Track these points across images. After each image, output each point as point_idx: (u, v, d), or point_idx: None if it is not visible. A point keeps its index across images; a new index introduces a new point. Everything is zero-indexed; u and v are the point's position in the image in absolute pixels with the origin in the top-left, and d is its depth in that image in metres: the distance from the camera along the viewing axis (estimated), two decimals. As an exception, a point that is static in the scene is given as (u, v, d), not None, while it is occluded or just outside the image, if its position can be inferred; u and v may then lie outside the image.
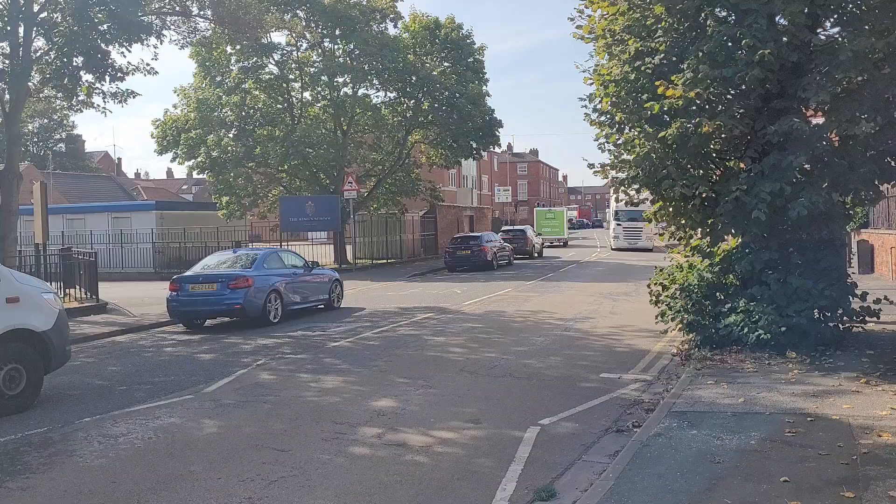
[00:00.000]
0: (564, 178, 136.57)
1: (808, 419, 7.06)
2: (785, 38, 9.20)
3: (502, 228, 47.45)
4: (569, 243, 55.20)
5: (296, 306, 17.03)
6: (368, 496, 5.77)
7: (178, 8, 20.10)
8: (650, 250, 41.10)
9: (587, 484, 5.86)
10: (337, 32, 33.13)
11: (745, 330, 9.96)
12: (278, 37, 33.93)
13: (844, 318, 10.31)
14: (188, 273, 16.44)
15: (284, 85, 34.58)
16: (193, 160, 33.23)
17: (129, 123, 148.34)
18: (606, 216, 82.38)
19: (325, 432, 7.46)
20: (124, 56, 38.33)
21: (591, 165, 11.82)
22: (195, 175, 38.65)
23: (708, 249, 11.17)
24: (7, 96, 17.87)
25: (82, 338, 14.21)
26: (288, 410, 8.43)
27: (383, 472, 6.29)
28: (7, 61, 17.85)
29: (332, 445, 7.04)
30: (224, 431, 7.66)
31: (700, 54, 9.64)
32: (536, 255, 41.00)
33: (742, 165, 10.56)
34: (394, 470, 6.34)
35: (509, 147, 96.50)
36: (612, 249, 45.36)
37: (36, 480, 6.28)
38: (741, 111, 10.11)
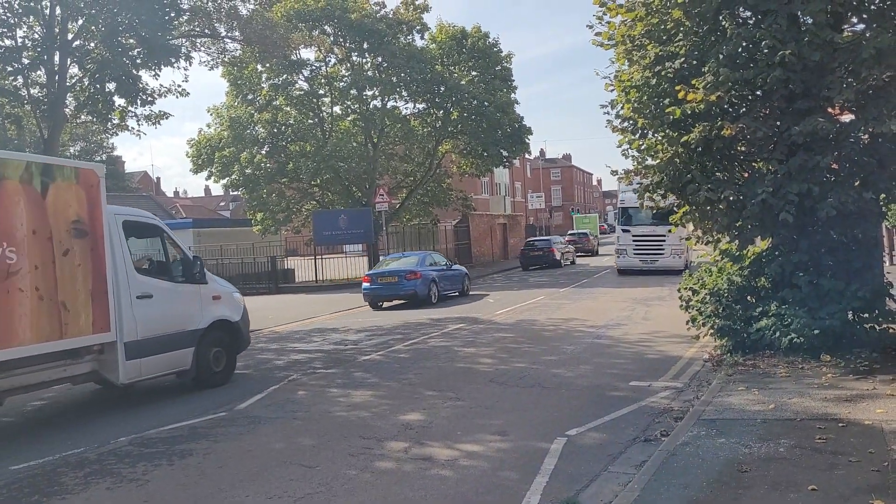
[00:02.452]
0: (599, 182, 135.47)
1: (840, 425, 6.93)
2: (806, 38, 9.07)
3: (568, 232, 55.25)
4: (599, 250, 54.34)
5: (444, 292, 23.31)
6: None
7: (206, 30, 20.53)
8: (681, 272, 23.05)
9: (612, 496, 5.83)
10: (365, 46, 33.48)
11: (777, 334, 9.81)
12: (307, 53, 34.47)
13: (879, 319, 10.08)
14: (376, 270, 23.59)
15: (314, 100, 35.03)
16: (227, 178, 33.83)
17: (167, 142, 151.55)
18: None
19: (352, 447, 7.53)
20: (156, 79, 39.13)
21: (614, 172, 11.79)
22: (231, 192, 39.31)
23: (737, 253, 11.03)
24: (44, 123, 18.41)
25: (121, 357, 14.53)
26: (317, 426, 8.53)
27: (408, 487, 6.34)
28: (44, 89, 18.41)
29: (359, 461, 7.11)
30: (254, 448, 7.78)
31: (720, 57, 9.56)
32: (594, 253, 47.31)
33: (769, 167, 10.42)
34: (419, 485, 6.38)
35: (542, 153, 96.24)
36: (618, 272, 29.03)
37: (72, 501, 6.46)
38: (764, 113, 9.98)
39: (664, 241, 26.82)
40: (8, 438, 8.85)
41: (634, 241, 27.91)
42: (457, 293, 24.35)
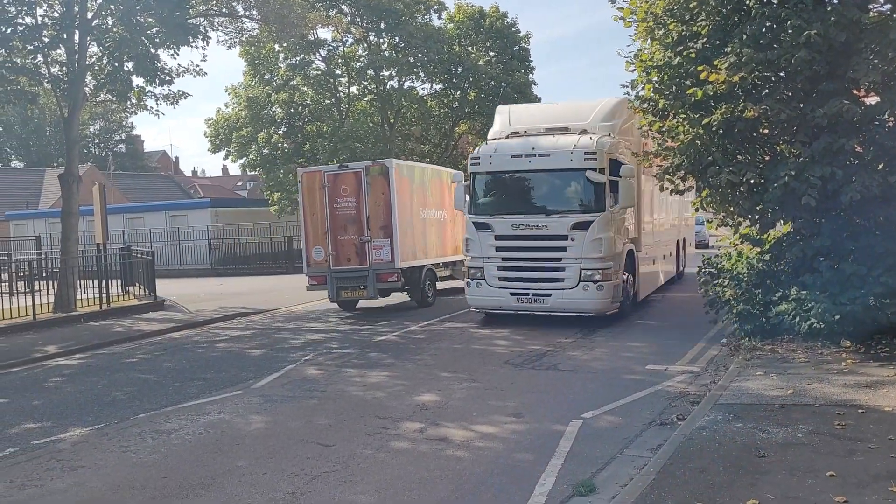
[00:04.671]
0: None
1: (859, 411, 6.86)
2: (832, 18, 8.88)
3: None
4: None
5: None
6: (408, 491, 5.85)
7: (224, 9, 20.46)
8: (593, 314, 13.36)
9: (627, 479, 5.81)
10: (382, 26, 33.30)
11: (797, 319, 9.70)
12: (324, 33, 34.29)
13: (902, 304, 9.93)
14: None
15: (331, 80, 34.94)
16: (245, 158, 33.91)
17: (186, 122, 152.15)
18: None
19: (368, 427, 7.56)
20: (174, 58, 39.12)
21: (634, 154, 11.66)
22: (248, 172, 39.42)
23: (757, 237, 10.91)
24: (65, 102, 18.48)
25: (139, 335, 14.68)
26: (333, 405, 8.57)
27: (423, 467, 6.36)
28: (64, 68, 18.45)
29: (375, 440, 7.13)
30: (270, 427, 7.83)
31: (744, 37, 9.40)
32: None
33: (792, 150, 10.26)
34: (434, 465, 6.39)
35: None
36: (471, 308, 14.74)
37: (90, 475, 6.54)
38: (788, 94, 9.82)
39: (569, 249, 12.86)
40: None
41: (507, 249, 13.46)
42: None
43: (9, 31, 16.94)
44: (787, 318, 9.84)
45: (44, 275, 20.54)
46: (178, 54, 19.13)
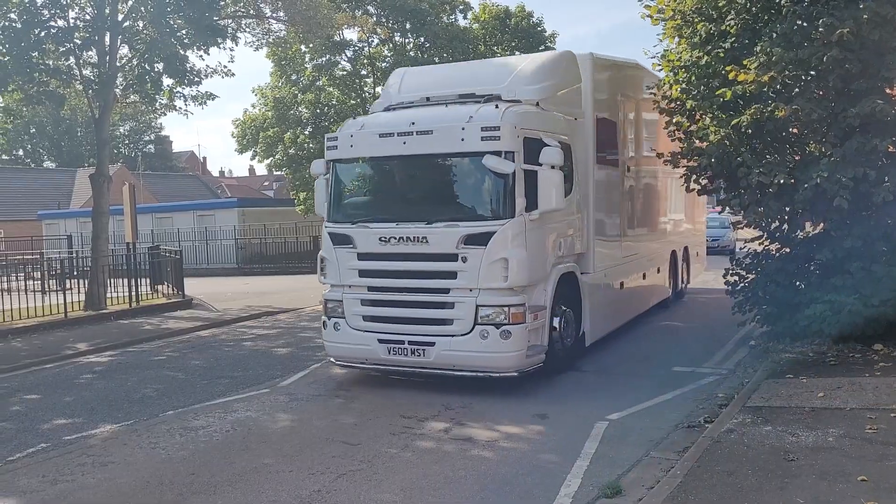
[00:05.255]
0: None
1: (892, 415, 6.74)
2: (865, 15, 8.72)
3: None
4: None
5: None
6: (433, 490, 5.86)
7: (252, 10, 20.64)
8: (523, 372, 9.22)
9: (654, 481, 5.78)
10: (407, 26, 33.37)
11: (827, 321, 9.54)
12: (350, 34, 34.43)
13: (936, 307, 9.74)
14: None
15: (357, 80, 35.08)
16: (271, 158, 34.16)
17: (213, 123, 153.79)
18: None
19: (393, 426, 7.59)
20: (203, 59, 39.56)
21: (660, 155, 11.56)
22: (274, 172, 39.74)
23: (786, 237, 10.76)
24: (96, 103, 18.76)
25: (168, 333, 14.86)
26: (358, 404, 8.62)
27: (448, 466, 6.37)
28: (95, 70, 18.74)
29: (400, 439, 7.16)
30: (297, 425, 7.89)
31: (773, 36, 9.26)
32: None
33: (823, 150, 10.11)
34: (459, 465, 6.40)
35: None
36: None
37: (120, 471, 6.64)
38: (819, 94, 9.66)
39: (460, 274, 8.79)
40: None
41: (373, 273, 9.37)
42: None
43: (42, 33, 17.24)
44: (818, 320, 9.67)
45: (75, 273, 20.86)
46: (206, 55, 19.32)
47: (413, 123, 8.96)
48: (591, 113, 10.65)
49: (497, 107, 8.80)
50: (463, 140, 8.60)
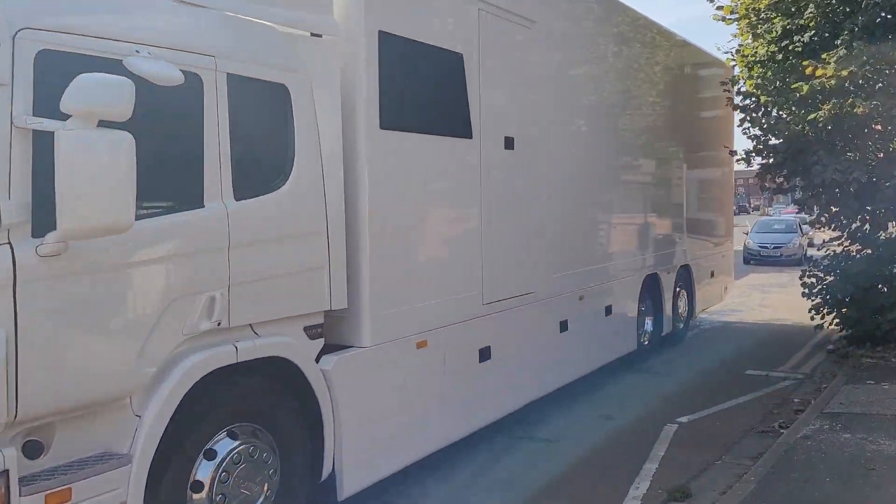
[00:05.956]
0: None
1: (982, 425, 6.43)
2: (954, 6, 8.36)
3: None
4: None
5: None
6: (498, 488, 5.86)
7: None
8: None
9: (725, 487, 5.65)
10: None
11: (911, 325, 9.18)
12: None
13: None
14: None
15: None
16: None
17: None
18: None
19: (459, 424, 7.59)
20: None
21: (732, 153, 11.31)
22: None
23: (867, 238, 10.37)
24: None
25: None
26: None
27: (514, 464, 6.36)
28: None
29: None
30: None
31: (854, 29, 8.96)
32: None
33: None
34: (523, 463, 6.39)
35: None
36: None
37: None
38: (902, 89, 9.28)
39: None
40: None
41: None
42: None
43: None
44: (901, 324, 9.32)
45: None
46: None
47: None
48: (365, 21, 5.15)
49: None
50: None
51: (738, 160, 11.16)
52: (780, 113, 10.18)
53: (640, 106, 9.61)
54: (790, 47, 9.81)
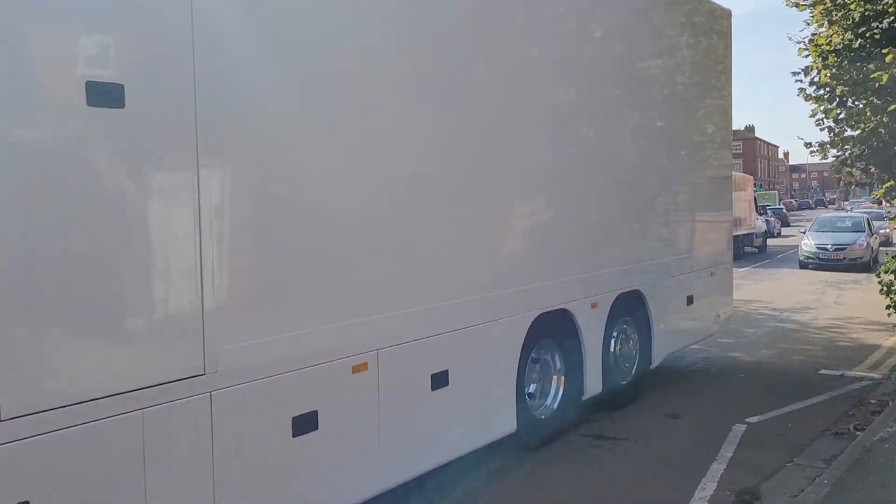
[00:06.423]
0: (785, 155, 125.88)
1: None
2: None
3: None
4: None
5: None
6: (560, 486, 5.82)
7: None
8: None
9: (797, 490, 5.48)
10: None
11: None
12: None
13: None
14: None
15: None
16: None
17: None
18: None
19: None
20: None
21: (807, 144, 10.95)
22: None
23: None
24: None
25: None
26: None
27: (577, 463, 6.31)
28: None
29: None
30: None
31: (939, 14, 8.54)
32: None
33: None
34: (587, 462, 6.33)
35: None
36: None
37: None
38: None
39: None
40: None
41: None
42: None
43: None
44: None
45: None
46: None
47: None
48: None
49: None
50: None
51: (811, 152, 10.80)
52: (858, 103, 9.80)
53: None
54: (868, 34, 9.41)
